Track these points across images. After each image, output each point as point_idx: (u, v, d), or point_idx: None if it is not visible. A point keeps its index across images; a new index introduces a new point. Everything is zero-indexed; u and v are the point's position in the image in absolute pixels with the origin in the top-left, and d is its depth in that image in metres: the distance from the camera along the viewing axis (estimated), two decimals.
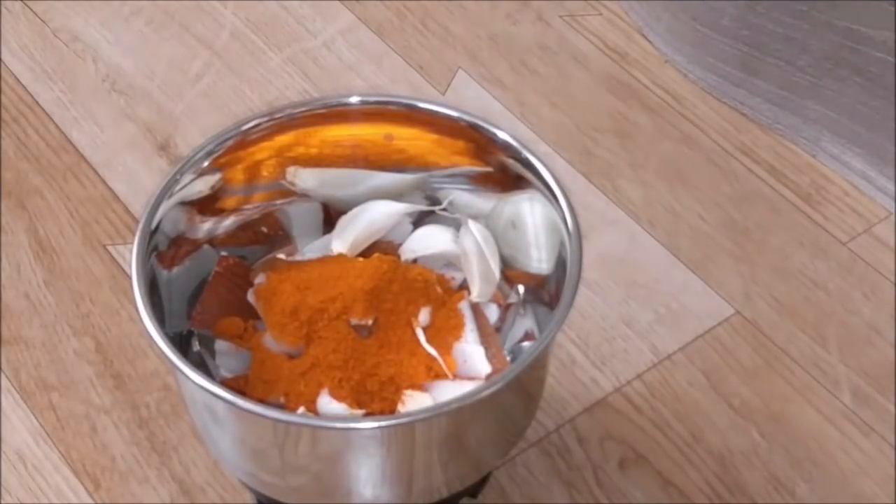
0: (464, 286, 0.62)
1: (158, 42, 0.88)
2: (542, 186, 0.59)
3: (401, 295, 0.59)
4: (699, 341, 0.72)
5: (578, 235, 0.57)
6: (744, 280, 0.75)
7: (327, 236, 0.64)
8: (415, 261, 0.63)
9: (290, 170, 0.63)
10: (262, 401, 0.56)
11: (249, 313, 0.61)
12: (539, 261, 0.61)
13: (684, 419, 0.69)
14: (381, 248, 0.63)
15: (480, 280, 0.62)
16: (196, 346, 0.61)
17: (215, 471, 0.66)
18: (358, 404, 0.56)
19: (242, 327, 0.61)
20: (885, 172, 0.79)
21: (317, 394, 0.56)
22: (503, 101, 0.84)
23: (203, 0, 0.90)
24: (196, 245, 0.62)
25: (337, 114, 0.63)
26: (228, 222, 0.63)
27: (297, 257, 0.64)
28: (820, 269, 0.76)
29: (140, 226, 0.57)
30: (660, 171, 0.81)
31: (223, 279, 0.62)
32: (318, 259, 0.62)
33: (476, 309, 0.61)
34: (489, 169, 0.62)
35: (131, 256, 0.56)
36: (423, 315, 0.59)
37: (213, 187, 0.61)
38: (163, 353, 0.53)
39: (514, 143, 0.60)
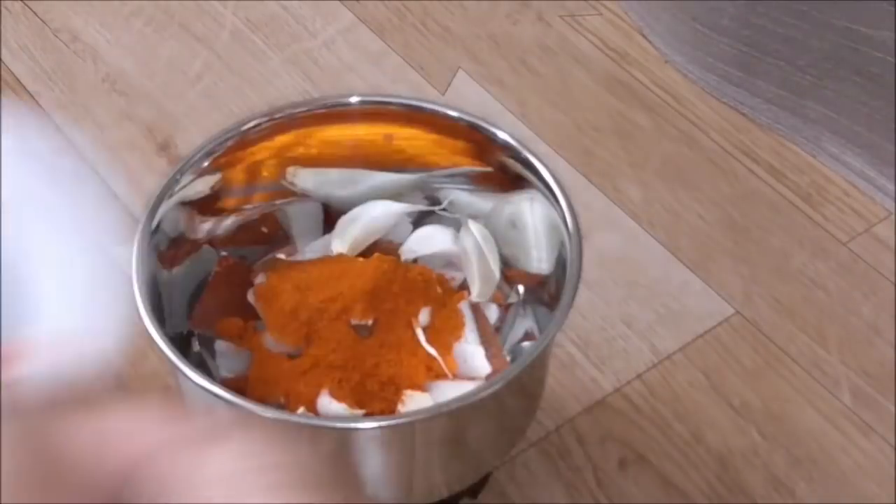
0: (464, 286, 0.62)
1: (158, 42, 0.88)
2: (542, 186, 0.59)
3: (401, 295, 0.59)
4: (699, 341, 0.72)
5: (578, 235, 0.57)
6: (744, 280, 0.75)
7: (327, 236, 0.64)
8: (415, 261, 0.63)
9: (290, 170, 0.63)
10: (262, 401, 0.56)
11: (249, 313, 0.61)
12: (539, 261, 0.61)
13: (684, 419, 0.69)
14: (381, 248, 0.63)
15: (480, 280, 0.62)
16: (196, 346, 0.61)
17: None
18: (358, 404, 0.56)
19: (242, 327, 0.61)
20: (885, 172, 0.79)
21: (317, 394, 0.56)
22: (503, 101, 0.84)
23: (203, 0, 0.90)
24: (196, 245, 0.62)
25: (337, 114, 0.63)
26: (228, 222, 0.63)
27: (297, 257, 0.64)
28: (820, 269, 0.76)
29: (140, 226, 0.57)
30: (660, 171, 0.81)
31: (223, 279, 0.62)
32: (318, 259, 0.62)
33: (476, 309, 0.61)
34: (489, 169, 0.62)
35: (131, 256, 0.56)
36: (423, 315, 0.59)
37: (213, 187, 0.61)
38: (163, 353, 0.53)
39: (514, 143, 0.60)
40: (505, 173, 0.61)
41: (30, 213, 0.36)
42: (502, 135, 0.61)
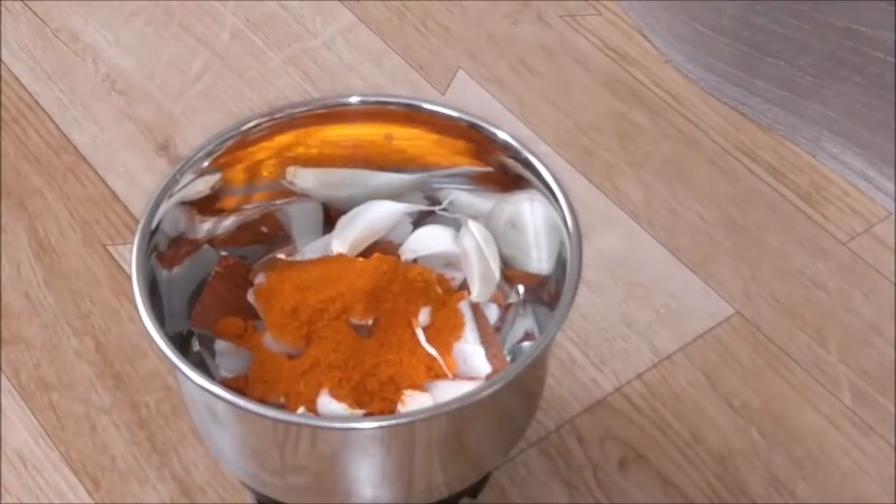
0: (464, 286, 0.62)
1: (158, 42, 0.88)
2: (542, 186, 0.59)
3: (401, 295, 0.59)
4: (699, 341, 0.72)
5: (578, 235, 0.57)
6: (744, 280, 0.75)
7: (327, 236, 0.64)
8: (415, 261, 0.63)
9: (290, 170, 0.63)
10: (262, 401, 0.56)
11: (249, 313, 0.61)
12: (539, 261, 0.61)
13: (684, 419, 0.69)
14: (381, 248, 0.63)
15: (480, 280, 0.62)
16: (196, 346, 0.61)
17: (215, 471, 0.66)
18: (358, 404, 0.56)
19: (242, 327, 0.61)
20: (885, 172, 0.79)
21: (317, 394, 0.56)
22: (503, 101, 0.84)
23: (203, 0, 0.90)
24: (196, 245, 0.62)
25: (337, 114, 0.63)
26: (228, 222, 0.63)
27: (297, 257, 0.64)
28: (820, 269, 0.76)
29: (140, 226, 0.57)
30: (660, 171, 0.81)
31: (223, 279, 0.62)
32: (318, 259, 0.62)
33: (476, 309, 0.61)
34: (489, 169, 0.62)
35: (131, 256, 0.56)
36: (423, 315, 0.59)
37: (213, 187, 0.61)
38: (163, 353, 0.53)
39: (514, 143, 0.60)
40: (505, 173, 0.61)
41: None
42: (502, 135, 0.61)
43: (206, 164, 0.60)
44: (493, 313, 0.62)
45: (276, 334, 0.59)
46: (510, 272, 0.63)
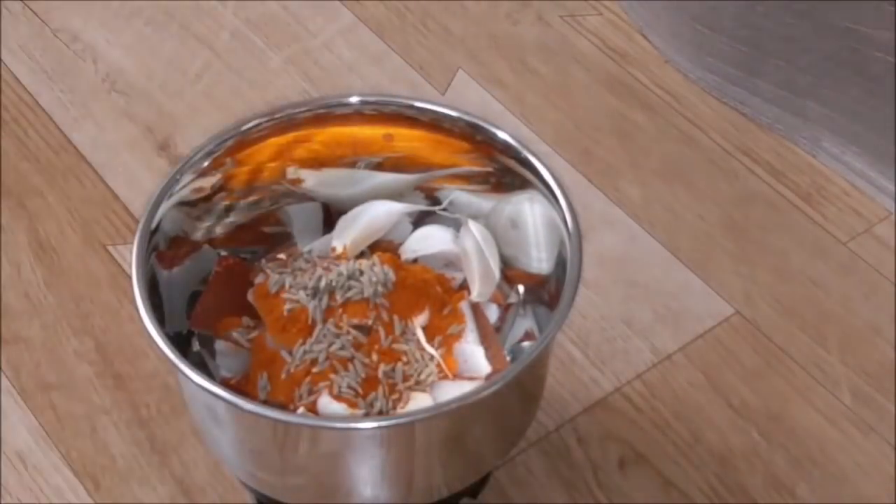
0: (464, 286, 0.62)
1: (158, 42, 0.88)
2: (542, 186, 0.59)
3: (401, 295, 0.59)
4: (699, 341, 0.72)
5: (578, 235, 0.57)
6: (744, 280, 0.75)
7: (327, 236, 0.64)
8: (415, 261, 0.63)
9: (290, 170, 0.63)
10: (262, 401, 0.56)
11: (249, 313, 0.61)
12: (539, 261, 0.61)
13: (684, 419, 0.69)
14: (381, 248, 0.63)
15: (480, 280, 0.62)
16: (196, 346, 0.61)
17: (215, 471, 0.66)
18: (358, 404, 0.56)
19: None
20: (885, 172, 0.79)
21: (317, 394, 0.56)
22: (503, 101, 0.84)
23: (203, 0, 0.90)
24: (196, 245, 0.62)
25: (337, 114, 0.63)
26: (228, 222, 0.63)
27: (297, 257, 0.64)
28: (820, 269, 0.76)
29: (140, 226, 0.57)
30: (660, 171, 0.81)
31: (223, 279, 0.62)
32: (319, 259, 0.62)
33: (476, 309, 0.61)
34: (489, 169, 0.62)
35: (131, 256, 0.56)
36: (423, 315, 0.59)
37: (213, 187, 0.61)
38: (163, 353, 0.53)
39: (514, 143, 0.60)
40: (505, 173, 0.61)
41: None
42: (502, 135, 0.61)
43: (206, 164, 0.60)
44: (493, 313, 0.62)
45: (276, 334, 0.58)
46: (510, 272, 0.63)
